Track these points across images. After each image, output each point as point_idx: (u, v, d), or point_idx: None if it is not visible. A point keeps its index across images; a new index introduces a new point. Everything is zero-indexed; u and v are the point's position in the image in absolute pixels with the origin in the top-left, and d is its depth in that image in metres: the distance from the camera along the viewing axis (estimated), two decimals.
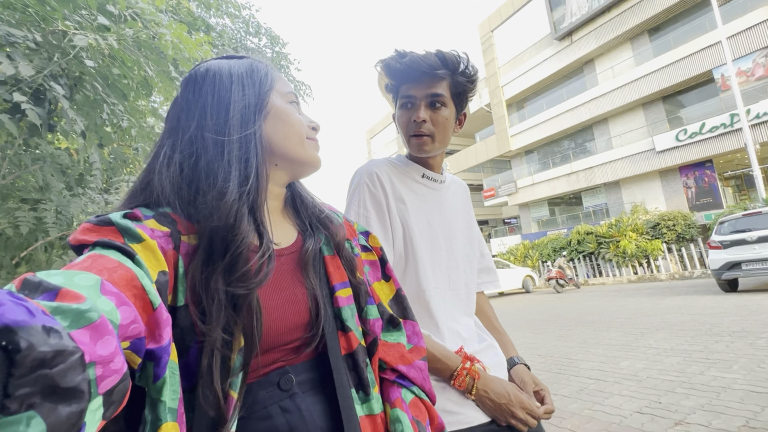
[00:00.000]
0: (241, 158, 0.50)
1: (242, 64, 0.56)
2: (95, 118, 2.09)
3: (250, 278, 0.45)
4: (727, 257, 6.71)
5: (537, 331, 5.86)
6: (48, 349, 0.22)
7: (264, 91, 0.55)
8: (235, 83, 0.53)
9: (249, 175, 0.50)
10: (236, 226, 0.46)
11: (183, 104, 0.53)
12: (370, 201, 0.86)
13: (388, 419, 0.54)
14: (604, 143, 18.31)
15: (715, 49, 13.97)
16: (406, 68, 0.85)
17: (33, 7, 1.80)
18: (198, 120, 0.51)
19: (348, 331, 0.54)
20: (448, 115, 0.87)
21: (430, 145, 0.88)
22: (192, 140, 0.51)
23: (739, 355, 3.35)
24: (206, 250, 0.45)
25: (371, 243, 0.68)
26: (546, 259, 15.89)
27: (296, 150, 0.57)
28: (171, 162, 0.49)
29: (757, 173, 11.07)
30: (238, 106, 0.52)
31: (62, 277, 0.30)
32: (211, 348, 0.42)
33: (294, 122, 0.57)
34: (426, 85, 0.85)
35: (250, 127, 0.52)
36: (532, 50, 20.89)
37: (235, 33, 5.18)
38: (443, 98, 0.86)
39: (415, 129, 0.87)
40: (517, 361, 0.95)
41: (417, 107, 0.86)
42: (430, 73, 0.84)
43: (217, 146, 0.50)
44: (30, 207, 2.15)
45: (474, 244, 1.02)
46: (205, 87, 0.53)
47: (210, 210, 0.46)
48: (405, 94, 0.87)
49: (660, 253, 12.75)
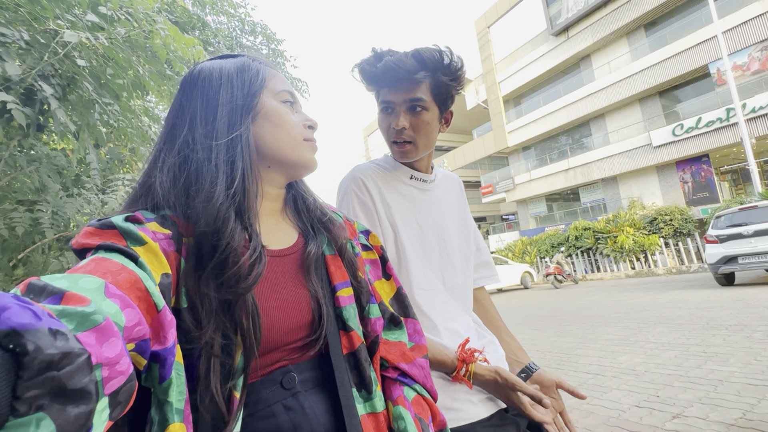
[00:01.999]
0: (227, 161, 0.50)
1: (234, 64, 0.55)
2: (88, 118, 2.08)
3: (239, 281, 0.44)
4: (723, 251, 6.75)
5: (536, 327, 5.89)
6: (55, 352, 0.22)
7: (253, 91, 0.54)
8: (224, 85, 0.53)
9: (235, 177, 0.49)
10: (222, 229, 0.45)
11: (178, 108, 0.53)
12: (360, 207, 0.85)
13: (390, 417, 0.54)
14: (601, 139, 18.35)
15: (711, 43, 14.00)
16: (381, 73, 0.80)
17: (25, 7, 1.78)
18: (189, 124, 0.51)
19: (350, 330, 0.54)
20: (429, 119, 0.83)
21: (413, 152, 0.86)
22: (184, 145, 0.51)
23: (735, 349, 3.38)
24: (195, 254, 0.45)
25: (372, 242, 0.68)
26: (544, 255, 15.95)
27: (287, 152, 0.56)
28: (166, 167, 0.49)
29: (753, 167, 11.12)
30: (225, 108, 0.52)
31: (67, 281, 0.30)
32: (208, 354, 0.42)
33: (285, 123, 0.56)
34: (404, 91, 0.81)
35: (236, 129, 0.51)
36: (528, 46, 20.88)
37: (231, 31, 5.15)
38: (424, 102, 0.81)
39: (395, 136, 0.84)
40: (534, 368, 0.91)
41: (396, 113, 0.83)
42: (407, 78, 0.79)
43: (205, 150, 0.50)
44: (26, 208, 2.14)
45: (470, 240, 1.00)
46: (195, 91, 0.53)
47: (198, 214, 0.46)
48: (384, 99, 0.84)
49: (657, 247, 12.82)
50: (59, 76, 1.99)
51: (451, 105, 0.89)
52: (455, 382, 0.80)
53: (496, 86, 22.44)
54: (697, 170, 15.37)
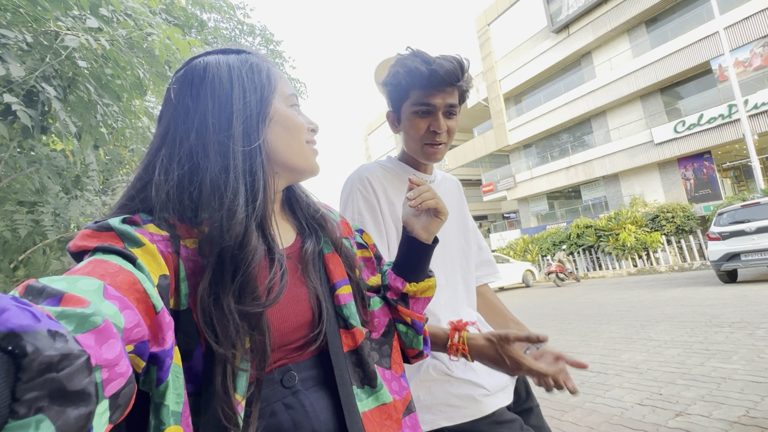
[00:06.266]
0: (246, 172, 0.48)
1: (242, 63, 0.52)
2: (89, 119, 2.08)
3: (261, 297, 0.44)
4: (726, 248, 6.72)
5: (538, 326, 5.88)
6: (54, 353, 0.22)
7: (266, 96, 0.52)
8: (236, 88, 0.50)
9: (257, 190, 0.48)
10: (246, 243, 0.45)
11: (180, 109, 0.49)
12: (365, 206, 0.87)
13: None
14: (603, 136, 18.29)
15: (713, 39, 13.93)
16: (431, 75, 0.83)
17: (25, 8, 1.78)
18: (198, 130, 0.48)
19: (351, 328, 0.55)
20: (457, 124, 0.90)
21: (443, 153, 0.90)
22: (192, 152, 0.48)
23: (738, 346, 3.37)
24: (215, 269, 0.44)
25: (365, 240, 0.69)
26: (546, 253, 15.92)
27: (297, 159, 0.55)
28: (169, 173, 0.47)
29: (756, 164, 11.08)
30: (240, 115, 0.49)
31: (65, 283, 0.30)
32: (223, 367, 0.42)
33: (296, 129, 0.55)
34: (447, 95, 0.85)
35: (254, 140, 0.49)
36: (529, 43, 20.81)
37: (230, 32, 5.16)
38: (457, 108, 0.88)
39: (434, 138, 0.87)
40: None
41: (436, 117, 0.86)
42: (453, 83, 0.84)
43: (222, 160, 0.47)
44: (27, 210, 2.14)
45: (470, 239, 1.03)
46: (203, 91, 0.49)
47: (221, 230, 0.44)
48: (423, 101, 0.85)
49: (659, 245, 12.78)
50: (60, 77, 1.99)
51: None
52: (453, 378, 0.81)
53: (497, 84, 22.38)
54: (699, 167, 15.31)
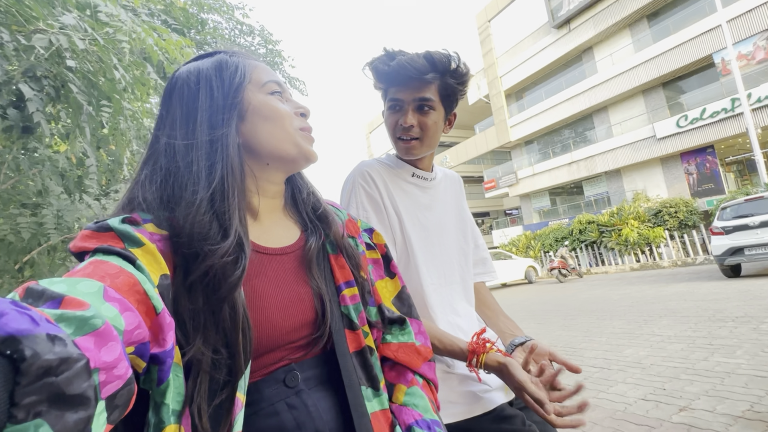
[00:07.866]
0: (208, 166, 0.48)
1: (211, 64, 0.53)
2: (78, 120, 2.05)
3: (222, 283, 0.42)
4: (729, 243, 6.69)
5: (540, 321, 5.88)
6: (53, 357, 0.22)
7: (234, 89, 0.51)
8: (203, 89, 0.51)
9: (213, 180, 0.47)
10: (204, 235, 0.44)
11: (159, 119, 0.52)
12: (368, 201, 0.87)
13: (402, 396, 0.56)
14: (605, 131, 18.20)
15: (715, 33, 13.81)
16: (394, 72, 0.83)
17: (12, 7, 1.76)
18: (168, 134, 0.50)
19: (356, 329, 0.54)
20: (436, 119, 0.87)
21: (418, 149, 0.89)
22: (164, 154, 0.49)
23: (742, 341, 3.36)
24: (183, 268, 0.43)
25: (375, 240, 0.67)
26: (548, 249, 15.90)
27: (284, 146, 0.53)
28: (149, 177, 0.48)
29: (759, 158, 11.01)
30: (205, 113, 0.50)
31: (65, 285, 0.30)
32: (196, 370, 0.40)
33: (278, 116, 0.53)
34: (414, 89, 0.84)
35: (217, 131, 0.49)
36: (530, 39, 20.69)
37: (230, 32, 5.15)
38: (432, 102, 0.85)
39: (402, 133, 0.87)
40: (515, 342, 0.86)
41: (404, 111, 0.86)
42: (418, 77, 0.82)
43: (185, 158, 0.48)
44: (30, 212, 2.15)
45: (468, 237, 1.03)
46: (174, 99, 0.51)
47: (182, 224, 0.44)
48: (393, 97, 0.87)
49: (662, 240, 12.73)
50: (53, 77, 1.98)
51: (455, 107, 0.93)
52: (454, 375, 0.82)
53: (498, 80, 22.29)
54: (701, 161, 15.22)
